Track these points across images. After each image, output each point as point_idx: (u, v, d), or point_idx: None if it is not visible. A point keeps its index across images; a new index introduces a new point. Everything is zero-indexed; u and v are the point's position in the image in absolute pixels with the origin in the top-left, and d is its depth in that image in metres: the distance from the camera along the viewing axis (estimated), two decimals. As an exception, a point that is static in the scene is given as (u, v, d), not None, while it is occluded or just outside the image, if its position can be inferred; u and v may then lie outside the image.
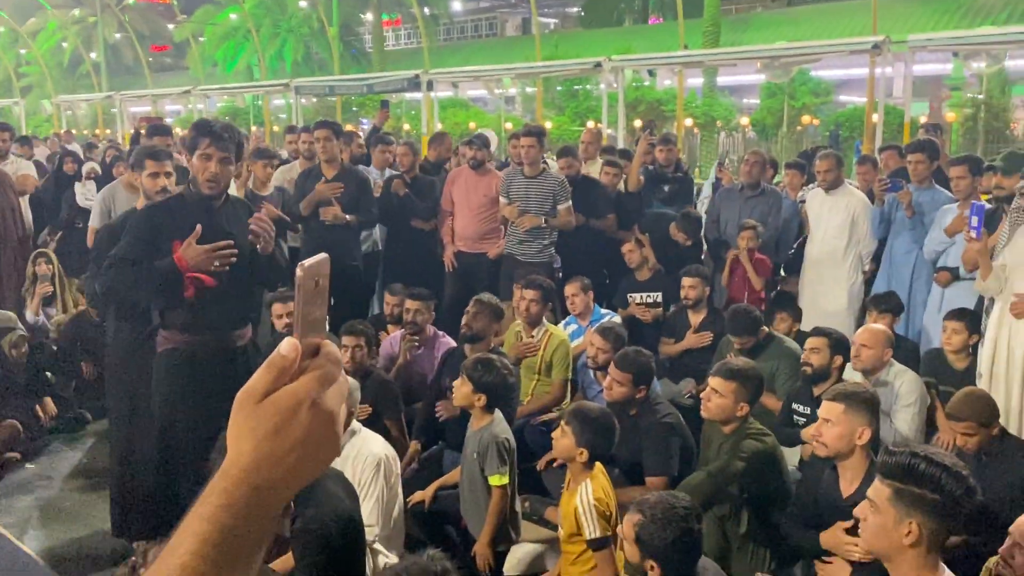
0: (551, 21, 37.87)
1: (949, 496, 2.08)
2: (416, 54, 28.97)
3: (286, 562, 2.94)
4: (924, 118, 12.87)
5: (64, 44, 36.87)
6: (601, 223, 6.52)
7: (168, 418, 3.64)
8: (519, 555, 3.74)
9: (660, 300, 6.06)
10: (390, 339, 5.33)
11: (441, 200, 6.60)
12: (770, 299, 6.11)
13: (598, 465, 3.33)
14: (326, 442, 0.79)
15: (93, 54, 35.09)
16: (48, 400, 5.72)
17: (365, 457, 3.57)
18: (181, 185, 3.98)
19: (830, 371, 4.17)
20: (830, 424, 2.98)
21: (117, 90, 22.42)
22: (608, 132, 11.65)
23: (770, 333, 4.95)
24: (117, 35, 35.82)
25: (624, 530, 2.70)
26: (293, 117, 16.39)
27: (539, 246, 6.07)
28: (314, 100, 22.10)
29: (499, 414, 3.66)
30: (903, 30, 13.44)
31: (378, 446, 3.65)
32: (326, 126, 6.10)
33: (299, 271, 0.82)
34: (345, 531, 2.93)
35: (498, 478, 3.49)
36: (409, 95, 19.84)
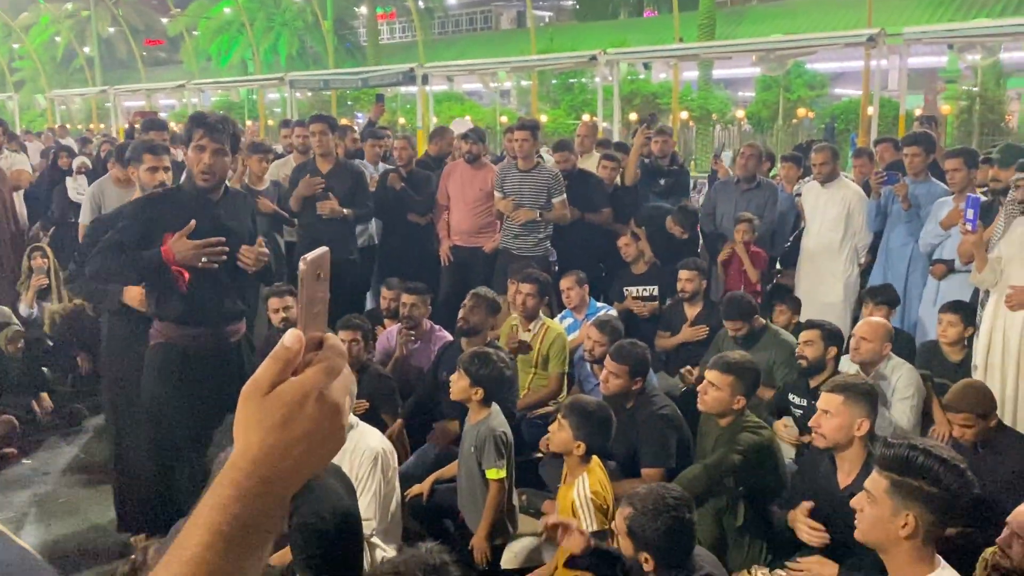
0: (546, 14, 37.82)
1: (946, 489, 2.09)
2: (411, 48, 28.88)
3: (284, 556, 2.94)
4: (919, 111, 12.89)
5: (57, 38, 36.73)
6: (597, 217, 6.52)
7: (158, 412, 3.64)
8: (516, 548, 3.75)
9: (656, 294, 6.07)
10: (386, 333, 5.33)
11: (437, 194, 6.60)
12: (766, 292, 6.12)
13: (595, 459, 3.34)
14: (332, 433, 0.80)
15: (87, 48, 34.95)
16: (44, 395, 5.72)
17: (362, 451, 3.57)
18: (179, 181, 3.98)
19: (825, 363, 4.18)
20: (829, 415, 2.99)
21: (111, 84, 22.28)
22: (603, 126, 11.64)
23: (765, 324, 4.96)
24: (111, 29, 35.66)
25: (616, 523, 2.71)
26: (288, 111, 16.36)
27: (534, 240, 6.07)
28: (309, 94, 22.05)
29: (496, 408, 3.67)
30: (898, 23, 13.48)
31: (375, 440, 3.66)
32: (321, 120, 6.09)
33: (302, 264, 0.83)
34: (343, 525, 2.94)
35: (495, 472, 3.49)
36: (404, 89, 19.79)
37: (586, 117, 10.91)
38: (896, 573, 2.13)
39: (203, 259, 3.43)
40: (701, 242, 6.89)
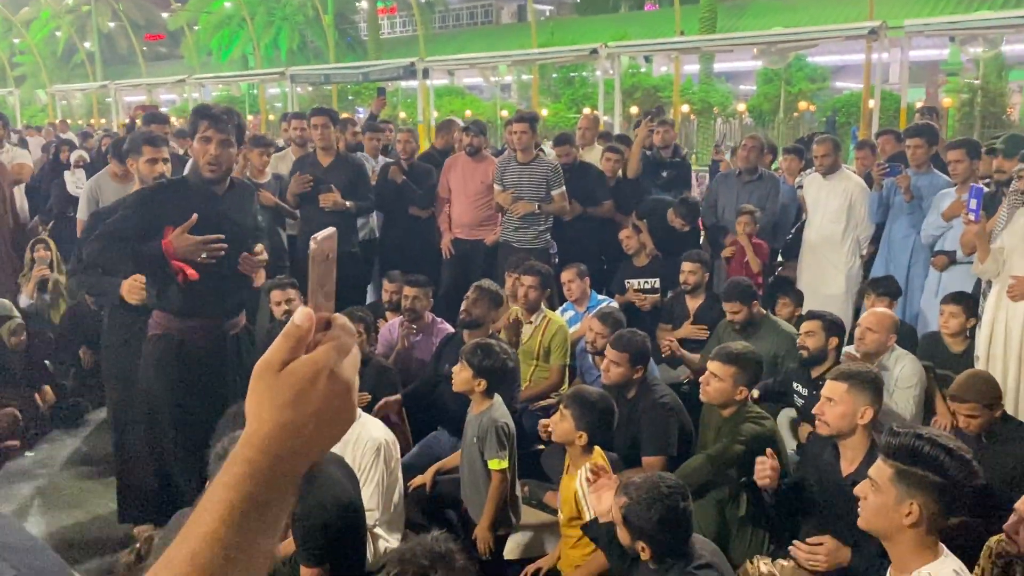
0: (547, 8, 37.74)
1: (951, 479, 2.08)
2: (412, 42, 28.83)
3: (287, 546, 2.94)
4: (920, 104, 12.85)
5: (58, 33, 36.65)
6: (599, 210, 6.51)
7: (157, 403, 3.64)
8: (519, 539, 3.75)
9: (658, 286, 6.07)
10: (388, 326, 5.33)
11: (438, 187, 6.59)
12: (767, 284, 6.12)
13: (597, 449, 3.34)
14: (343, 411, 0.81)
15: (87, 43, 34.90)
16: (47, 388, 5.72)
17: (365, 442, 3.57)
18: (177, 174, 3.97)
19: (826, 353, 4.18)
20: (833, 403, 2.99)
21: (112, 80, 22.30)
22: (604, 119, 11.63)
23: (765, 314, 4.96)
24: (111, 24, 35.60)
25: (613, 513, 2.72)
26: (289, 105, 16.35)
27: (535, 232, 6.07)
28: (310, 88, 22.00)
29: (498, 399, 3.67)
30: (899, 15, 13.44)
31: (378, 431, 3.66)
32: (323, 113, 6.09)
33: (313, 244, 0.84)
34: (345, 515, 2.94)
35: (498, 462, 3.50)
36: (405, 83, 19.75)
37: (587, 111, 10.89)
38: (899, 561, 2.13)
39: (203, 255, 3.42)
40: (703, 235, 6.88)
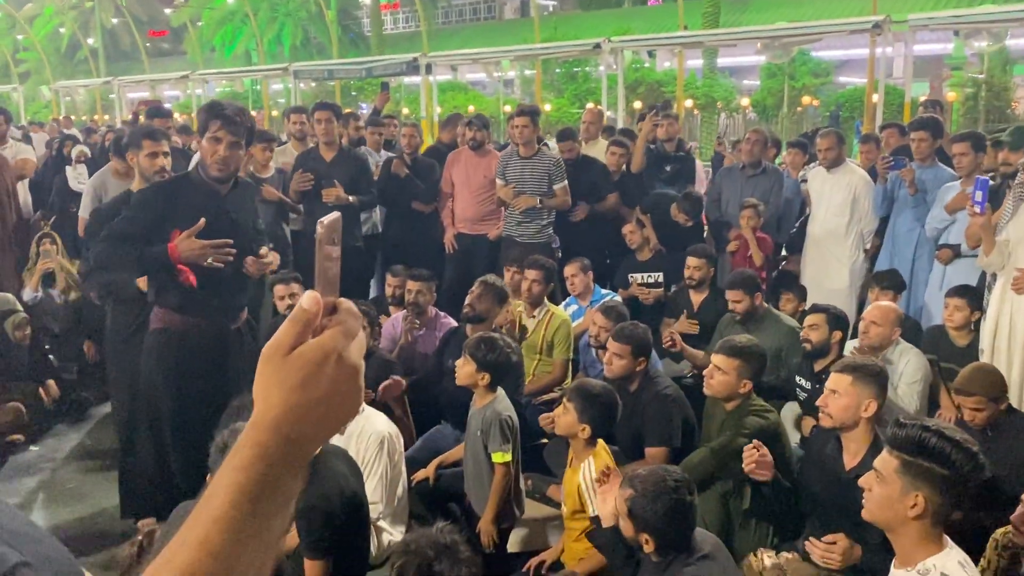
0: (550, 3, 37.64)
1: (957, 471, 2.07)
2: (415, 37, 28.83)
3: (291, 539, 2.94)
4: (924, 98, 12.82)
5: (61, 29, 36.67)
6: (604, 206, 6.51)
7: (159, 397, 3.64)
8: (522, 532, 3.75)
9: (661, 280, 6.06)
10: (392, 320, 5.33)
11: (441, 182, 6.58)
12: (771, 279, 6.11)
13: (600, 442, 3.34)
14: (351, 394, 0.81)
15: (91, 40, 34.89)
16: (51, 383, 5.72)
17: (369, 435, 3.58)
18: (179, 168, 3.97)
19: (830, 346, 4.18)
20: (837, 395, 2.98)
21: (115, 76, 22.28)
22: (608, 114, 11.60)
23: (768, 308, 4.96)
24: (114, 20, 35.58)
25: (617, 505, 2.71)
26: (292, 101, 16.32)
27: (537, 227, 6.06)
28: (313, 84, 22.02)
29: (501, 392, 3.66)
30: (903, 9, 13.41)
31: (381, 424, 3.67)
32: (326, 108, 6.08)
33: (319, 228, 0.84)
34: (349, 508, 2.94)
35: (501, 455, 3.49)
36: (408, 79, 19.76)
37: (591, 105, 10.87)
38: (903, 553, 2.13)
39: (209, 259, 3.42)
40: (706, 229, 6.87)
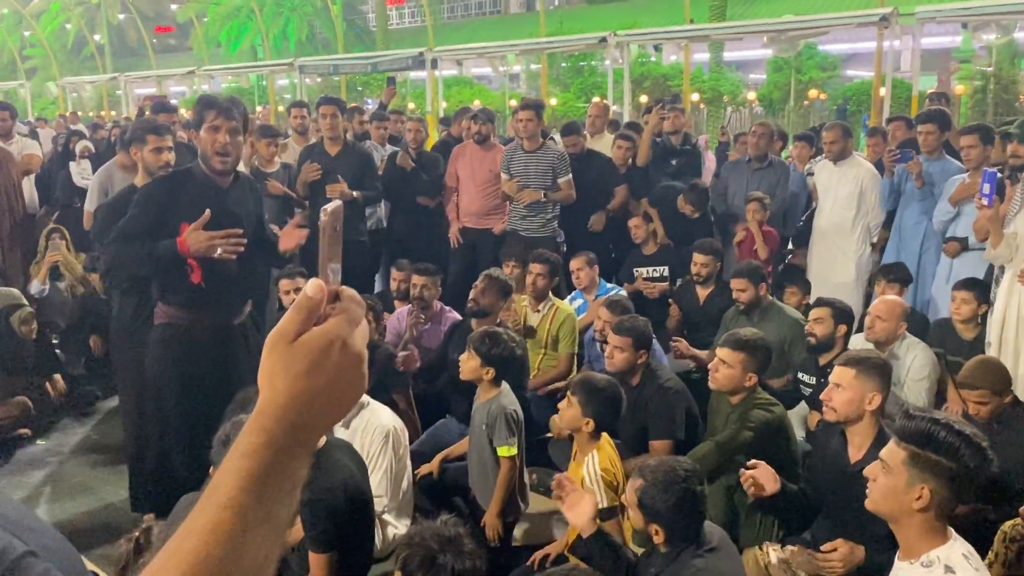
0: (555, -3, 37.53)
1: (965, 465, 2.05)
2: (420, 32, 28.76)
3: (295, 532, 2.95)
4: (931, 91, 12.76)
5: (68, 26, 36.70)
6: (614, 202, 6.51)
7: (164, 390, 3.65)
8: (527, 525, 3.75)
9: (666, 274, 6.05)
10: (397, 315, 5.33)
11: (446, 176, 6.58)
12: (777, 272, 6.09)
13: (604, 435, 3.33)
14: (355, 381, 0.82)
15: (97, 36, 34.94)
16: (58, 377, 5.75)
17: (374, 429, 3.58)
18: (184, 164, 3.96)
19: (834, 340, 4.17)
20: (840, 389, 2.97)
21: (121, 72, 22.30)
22: (614, 108, 11.57)
23: (772, 300, 4.95)
24: (121, 16, 35.62)
25: (627, 495, 2.71)
26: (298, 96, 16.32)
27: (542, 221, 6.05)
28: (318, 79, 21.97)
29: (506, 386, 3.66)
30: (911, 2, 13.30)
31: (386, 418, 3.67)
32: (331, 103, 6.07)
33: (323, 216, 0.85)
34: (354, 501, 2.95)
35: (507, 449, 3.50)
36: (413, 74, 19.71)
37: (596, 99, 10.83)
38: (907, 544, 2.12)
39: (219, 251, 3.42)
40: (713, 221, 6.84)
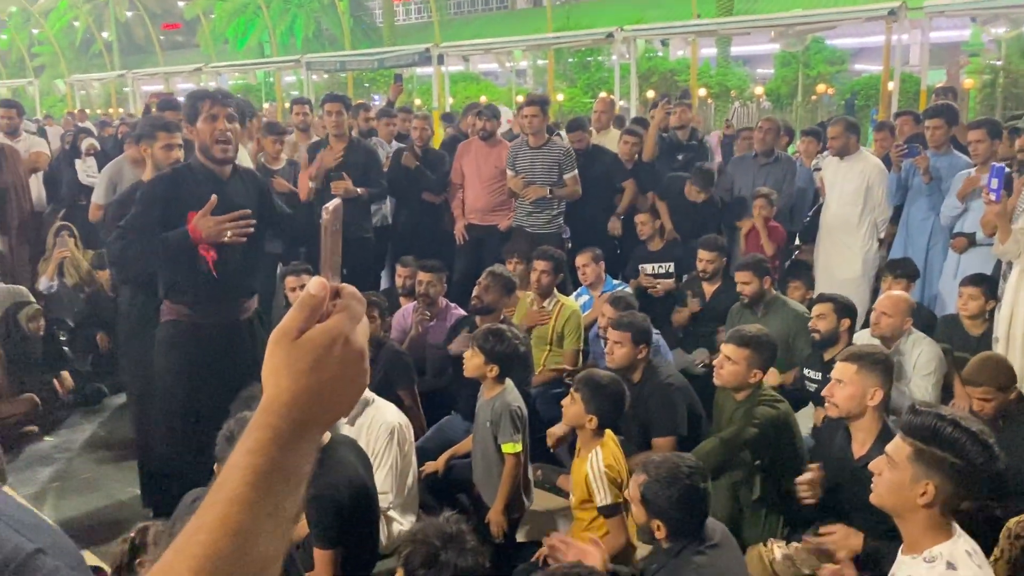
0: (562, -8, 37.42)
1: (971, 462, 2.04)
2: (427, 28, 28.75)
3: (300, 529, 2.96)
4: (939, 85, 12.70)
5: (76, 23, 36.81)
6: (625, 203, 6.50)
7: (172, 387, 3.66)
8: (531, 522, 3.76)
9: (672, 271, 6.03)
10: (403, 311, 5.34)
11: (451, 173, 6.57)
12: (784, 268, 6.07)
13: (608, 432, 3.33)
14: (357, 376, 0.83)
15: (105, 33, 35.05)
16: (65, 374, 5.77)
17: (379, 425, 3.59)
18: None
19: (838, 335, 4.17)
20: (842, 384, 2.96)
21: (129, 69, 22.36)
22: (621, 104, 11.56)
23: (776, 294, 4.94)
24: (128, 13, 35.72)
25: (630, 491, 2.71)
26: (304, 93, 16.35)
27: (547, 217, 6.05)
28: (325, 76, 22.01)
29: (510, 383, 3.66)
30: (920, -5, 13.22)
31: (391, 414, 3.67)
32: (336, 100, 6.06)
33: (324, 214, 0.87)
34: (359, 498, 2.95)
35: (511, 446, 3.50)
36: (420, 70, 19.72)
37: (603, 95, 10.81)
38: (911, 539, 2.11)
39: (228, 234, 3.43)
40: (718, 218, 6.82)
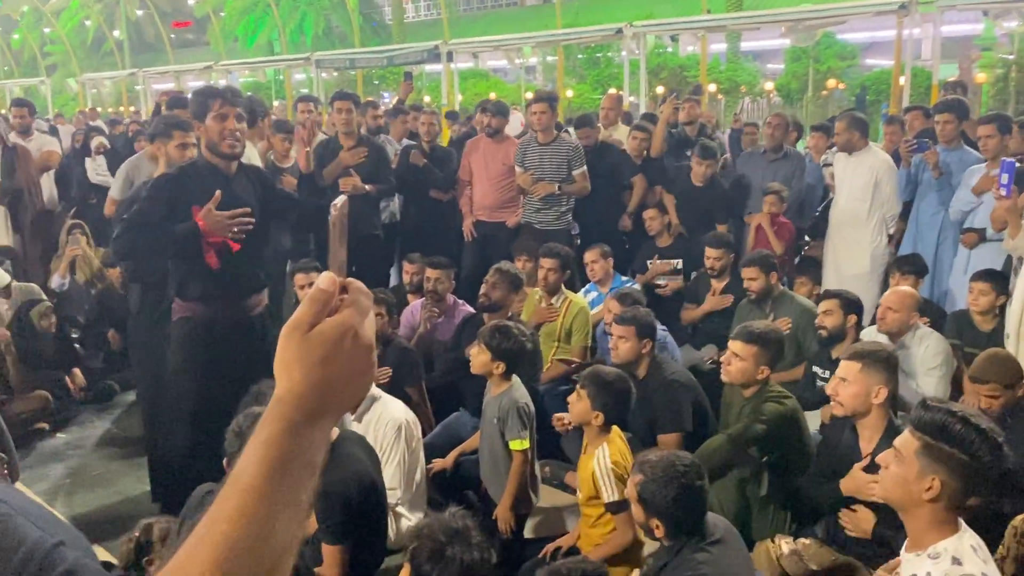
0: (572, -12, 37.31)
1: (979, 460, 2.03)
2: (436, 25, 28.73)
3: (309, 524, 2.98)
4: (950, 80, 12.62)
5: (87, 22, 36.98)
6: (635, 199, 6.50)
7: (184, 384, 3.69)
8: (539, 518, 3.77)
9: (680, 267, 6.02)
10: (411, 308, 5.35)
11: (459, 170, 6.58)
12: (793, 264, 6.06)
13: (615, 428, 3.33)
14: (366, 369, 0.85)
15: (116, 32, 35.19)
16: (77, 371, 5.81)
17: (387, 422, 3.61)
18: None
19: (845, 331, 4.16)
20: (846, 383, 2.96)
21: (140, 67, 22.45)
22: (630, 99, 11.53)
23: (783, 290, 4.93)
24: (139, 12, 35.86)
25: (628, 490, 2.72)
26: (314, 91, 16.38)
27: (556, 213, 6.05)
28: (335, 73, 22.03)
29: (517, 380, 3.67)
30: (931, -11, 13.13)
31: (399, 411, 3.69)
32: (346, 98, 6.08)
33: (333, 210, 0.90)
34: (367, 493, 2.97)
35: (519, 442, 3.51)
36: (429, 67, 19.72)
37: (612, 91, 10.78)
38: (915, 534, 2.11)
39: (234, 229, 3.46)
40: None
